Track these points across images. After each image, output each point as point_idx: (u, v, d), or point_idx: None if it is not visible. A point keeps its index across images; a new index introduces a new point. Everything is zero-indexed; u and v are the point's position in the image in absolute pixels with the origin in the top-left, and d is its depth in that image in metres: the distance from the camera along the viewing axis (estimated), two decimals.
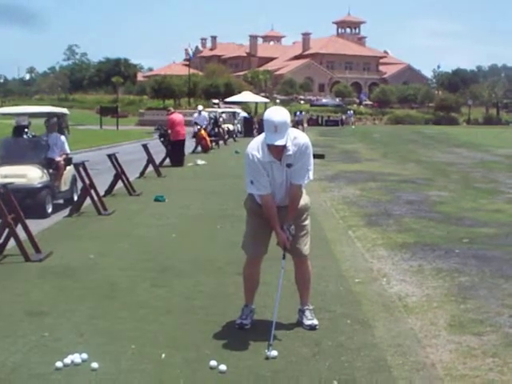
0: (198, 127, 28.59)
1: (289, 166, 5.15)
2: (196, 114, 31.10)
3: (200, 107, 32.07)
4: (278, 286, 5.27)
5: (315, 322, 5.42)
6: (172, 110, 24.29)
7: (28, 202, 10.79)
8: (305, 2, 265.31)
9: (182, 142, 21.84)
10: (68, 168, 12.97)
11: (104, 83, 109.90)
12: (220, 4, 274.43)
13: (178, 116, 22.36)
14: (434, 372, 4.54)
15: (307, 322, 5.41)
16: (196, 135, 28.42)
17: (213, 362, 4.54)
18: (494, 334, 5.36)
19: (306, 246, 5.42)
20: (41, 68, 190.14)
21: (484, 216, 11.58)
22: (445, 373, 4.53)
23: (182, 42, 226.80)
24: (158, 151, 21.07)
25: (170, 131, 21.63)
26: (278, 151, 5.07)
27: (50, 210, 11.85)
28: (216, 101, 55.58)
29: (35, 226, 9.31)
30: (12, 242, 7.94)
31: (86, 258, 7.97)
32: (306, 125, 57.42)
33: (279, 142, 4.97)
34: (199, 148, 28.00)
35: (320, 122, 73.71)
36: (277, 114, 5.03)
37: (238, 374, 4.45)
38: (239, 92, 64.12)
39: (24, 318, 5.65)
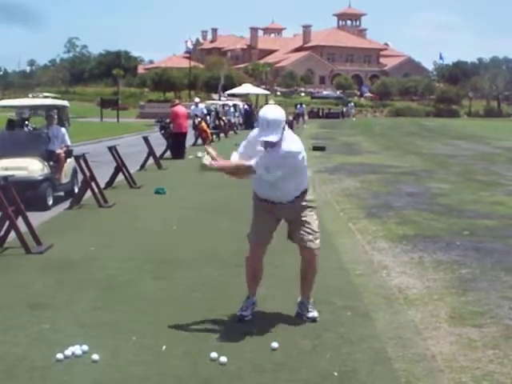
0: (199, 119, 28.61)
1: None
2: (193, 106, 31.19)
3: (197, 99, 32.21)
4: None
5: (316, 313, 5.42)
6: (176, 101, 24.29)
7: (29, 195, 10.76)
8: None
9: (183, 135, 21.84)
10: (68, 160, 12.96)
11: (104, 76, 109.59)
12: None
13: (181, 109, 22.38)
14: (435, 364, 4.55)
15: (309, 315, 5.41)
16: (196, 127, 28.42)
17: (213, 354, 4.54)
18: (494, 326, 5.37)
19: (312, 241, 5.37)
20: (41, 61, 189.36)
21: (484, 208, 11.57)
22: (445, 365, 4.53)
23: (183, 34, 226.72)
24: (159, 144, 21.05)
25: (172, 124, 21.67)
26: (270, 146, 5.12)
27: (50, 203, 11.85)
28: (224, 98, 55.38)
29: (36, 218, 9.31)
30: (13, 235, 7.94)
31: (87, 250, 7.97)
32: (306, 117, 57.36)
33: (271, 138, 5.02)
34: (200, 140, 27.99)
35: (321, 114, 73.65)
36: (271, 111, 5.14)
37: (238, 365, 4.45)
38: (240, 84, 63.98)
39: (25, 310, 5.65)
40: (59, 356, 4.51)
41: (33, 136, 12.96)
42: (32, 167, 11.72)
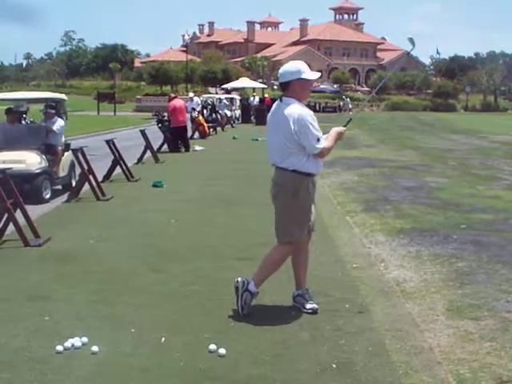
0: (196, 113, 28.63)
1: None
2: (188, 102, 31.21)
3: (191, 94, 32.16)
4: None
5: (316, 305, 5.44)
6: (173, 95, 24.03)
7: (26, 188, 10.77)
8: None
9: (182, 128, 21.79)
10: (66, 154, 12.97)
11: (101, 69, 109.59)
12: None
13: (178, 102, 22.22)
14: (432, 356, 4.57)
15: (308, 306, 5.43)
16: (194, 121, 28.42)
17: (212, 346, 4.57)
18: (491, 318, 5.39)
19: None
20: (38, 54, 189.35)
21: (481, 202, 11.59)
22: (443, 357, 4.56)
23: (180, 27, 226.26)
24: (156, 137, 21.05)
25: (170, 118, 21.63)
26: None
27: (48, 196, 11.86)
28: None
29: (34, 211, 9.32)
30: (11, 227, 7.95)
31: (86, 242, 7.99)
32: None
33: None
34: (197, 134, 28.01)
35: (318, 108, 73.56)
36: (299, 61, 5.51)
37: (237, 357, 4.47)
38: (237, 78, 63.89)
39: (24, 302, 5.67)
40: (59, 348, 4.53)
41: (31, 129, 12.94)
42: (30, 160, 11.71)
